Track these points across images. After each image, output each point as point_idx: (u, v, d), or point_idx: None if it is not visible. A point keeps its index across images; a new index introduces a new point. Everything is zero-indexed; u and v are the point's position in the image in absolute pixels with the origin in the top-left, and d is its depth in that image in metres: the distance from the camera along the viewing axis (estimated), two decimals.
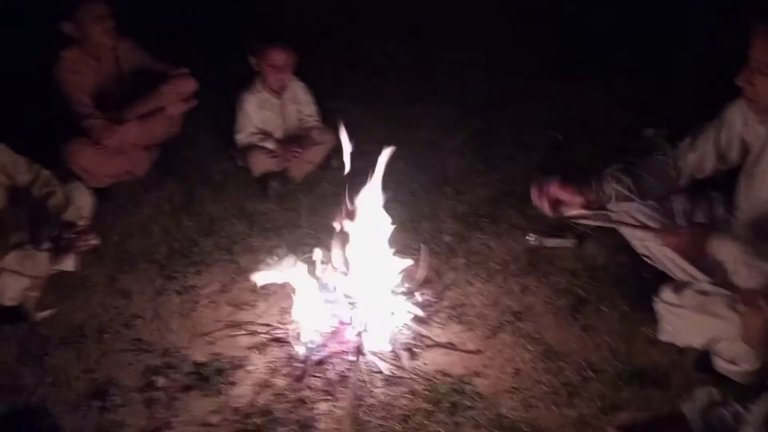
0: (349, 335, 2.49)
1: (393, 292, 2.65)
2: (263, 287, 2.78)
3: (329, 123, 3.69)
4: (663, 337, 2.51)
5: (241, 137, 3.51)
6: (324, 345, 2.47)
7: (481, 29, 4.93)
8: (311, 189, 3.42)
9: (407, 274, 2.77)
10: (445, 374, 2.42)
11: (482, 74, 4.47)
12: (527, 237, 3.09)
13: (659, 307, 2.50)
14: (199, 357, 2.47)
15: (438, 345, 2.55)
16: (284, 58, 3.41)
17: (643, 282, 2.78)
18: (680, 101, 3.76)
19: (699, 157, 2.51)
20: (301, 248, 2.96)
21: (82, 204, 2.92)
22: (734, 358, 2.31)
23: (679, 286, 2.50)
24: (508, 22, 4.99)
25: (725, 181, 2.61)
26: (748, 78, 2.16)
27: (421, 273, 2.78)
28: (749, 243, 2.18)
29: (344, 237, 2.59)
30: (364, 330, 2.49)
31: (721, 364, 2.36)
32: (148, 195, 3.36)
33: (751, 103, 2.27)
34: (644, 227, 2.53)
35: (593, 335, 2.62)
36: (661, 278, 2.64)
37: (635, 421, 2.03)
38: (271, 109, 3.53)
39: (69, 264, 2.77)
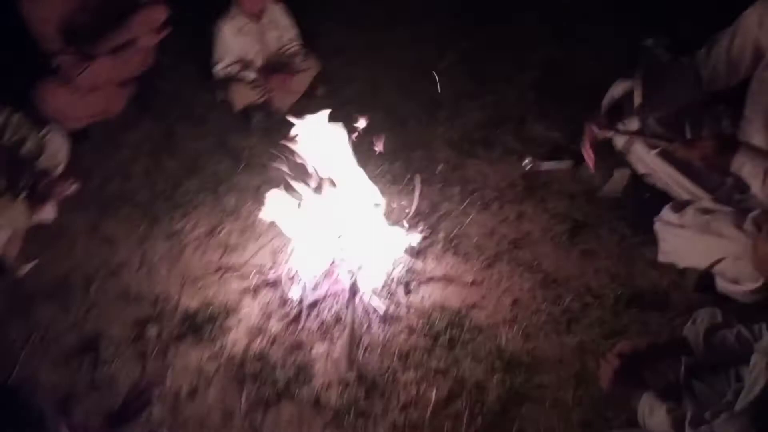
0: (343, 274, 2.42)
1: (386, 225, 2.55)
2: (252, 227, 2.71)
3: (312, 47, 3.50)
4: (663, 258, 2.46)
5: (220, 68, 3.31)
6: (318, 285, 2.40)
7: None
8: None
9: (400, 205, 2.68)
10: (443, 308, 2.37)
11: None
12: (524, 161, 2.97)
13: (659, 227, 2.43)
14: (191, 304, 2.41)
15: (434, 279, 2.49)
16: None
17: (643, 203, 2.69)
18: (686, 10, 3.54)
19: (712, 66, 2.36)
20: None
21: (58, 148, 2.78)
22: (737, 278, 2.25)
23: (680, 205, 2.42)
24: None
25: (730, 95, 2.49)
26: None
27: (414, 204, 2.68)
28: None
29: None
30: (358, 268, 2.42)
31: (723, 284, 2.31)
32: (126, 134, 3.20)
33: None
34: (668, 139, 2.41)
35: (592, 260, 2.56)
36: (662, 198, 2.56)
37: (636, 347, 1.97)
38: (250, 35, 3.31)
39: (48, 213, 2.66)
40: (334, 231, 2.43)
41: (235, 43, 3.28)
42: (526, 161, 2.97)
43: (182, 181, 2.95)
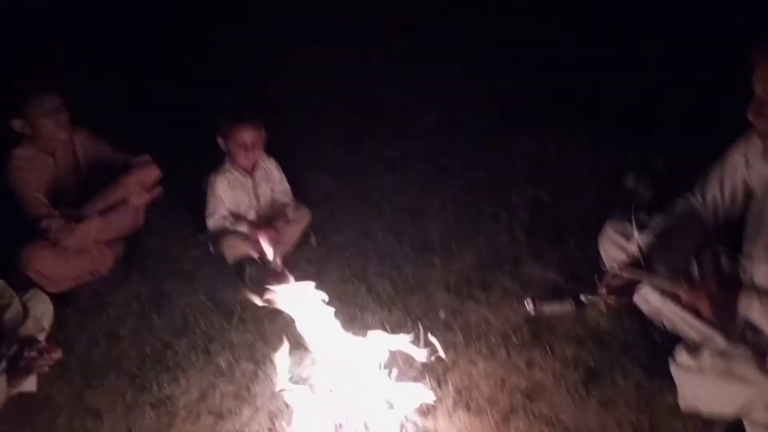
0: None
1: (390, 382, 2.39)
2: (246, 388, 2.53)
3: (301, 197, 3.50)
4: (683, 403, 2.31)
5: (213, 222, 3.27)
6: None
7: (456, 84, 4.79)
8: (290, 271, 3.16)
9: (405, 358, 2.53)
10: None
11: (459, 131, 4.32)
12: (525, 304, 2.88)
13: (675, 371, 2.31)
14: None
15: None
16: (253, 136, 3.21)
17: (655, 345, 2.59)
18: (663, 143, 3.66)
19: (712, 208, 2.36)
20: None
21: (41, 314, 2.64)
22: None
23: (694, 348, 2.32)
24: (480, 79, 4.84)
25: (725, 231, 2.49)
26: (759, 111, 2.05)
27: (423, 357, 2.53)
28: None
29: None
30: (365, 430, 2.22)
31: None
32: (113, 295, 3.07)
33: (765, 137, 2.16)
34: (670, 287, 2.35)
35: (612, 410, 2.40)
36: (673, 340, 2.47)
37: None
38: (243, 189, 3.32)
39: (29, 384, 2.46)
40: (337, 392, 2.26)
41: (228, 196, 3.27)
42: (528, 305, 2.88)
43: (171, 341, 2.79)
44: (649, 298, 2.53)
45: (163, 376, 2.61)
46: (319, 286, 2.33)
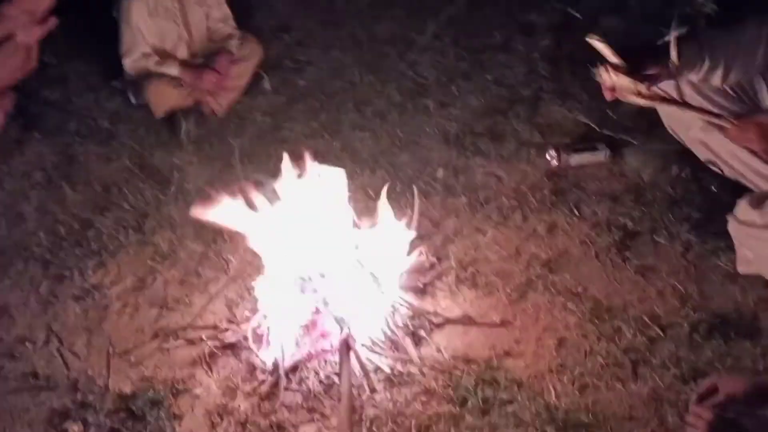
0: (329, 324, 2.38)
1: (379, 256, 2.53)
2: (195, 273, 2.66)
3: (249, 27, 3.49)
4: (744, 269, 2.49)
5: (131, 62, 3.28)
6: (297, 343, 2.36)
7: None
8: (241, 125, 3.23)
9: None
10: (468, 360, 2.35)
11: None
12: (546, 155, 2.98)
13: (735, 229, 2.46)
14: (124, 386, 2.34)
15: (450, 321, 2.47)
16: None
17: (710, 198, 2.74)
18: None
19: None
20: None
21: None
22: None
23: (759, 200, 2.45)
24: None
25: None
26: None
27: (412, 225, 2.66)
28: None
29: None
30: (349, 315, 2.38)
31: None
32: (8, 163, 3.14)
33: None
34: (715, 115, 2.43)
35: (653, 279, 2.57)
36: (735, 192, 2.60)
37: (729, 392, 1.97)
38: (168, 16, 3.30)
39: None
40: (314, 269, 2.39)
41: (149, 26, 3.26)
42: (551, 155, 2.99)
43: (91, 219, 2.90)
44: (705, 139, 2.63)
45: (85, 261, 2.73)
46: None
